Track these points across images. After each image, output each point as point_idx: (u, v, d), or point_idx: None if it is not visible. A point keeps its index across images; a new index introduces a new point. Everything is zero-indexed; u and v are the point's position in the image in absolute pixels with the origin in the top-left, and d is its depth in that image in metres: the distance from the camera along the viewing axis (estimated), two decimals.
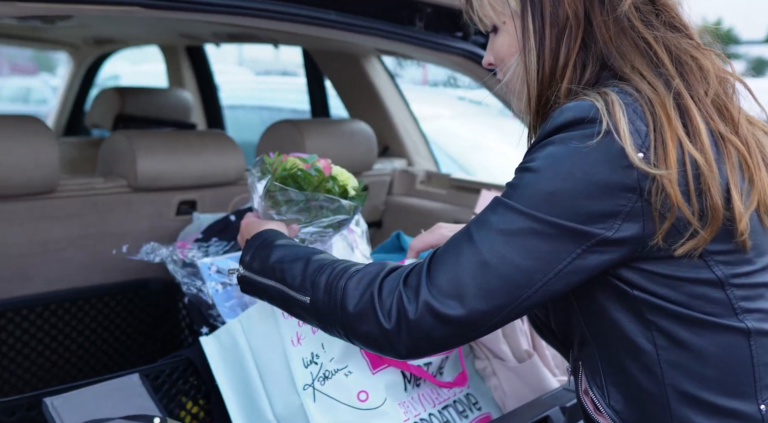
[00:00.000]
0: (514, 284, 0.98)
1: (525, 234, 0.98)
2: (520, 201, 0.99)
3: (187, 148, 1.98)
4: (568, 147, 0.98)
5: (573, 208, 0.97)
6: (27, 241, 1.78)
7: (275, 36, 2.76)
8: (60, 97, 4.18)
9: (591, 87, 1.07)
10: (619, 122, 0.97)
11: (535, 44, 1.11)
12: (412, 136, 2.75)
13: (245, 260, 1.25)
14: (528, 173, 1.00)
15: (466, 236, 1.01)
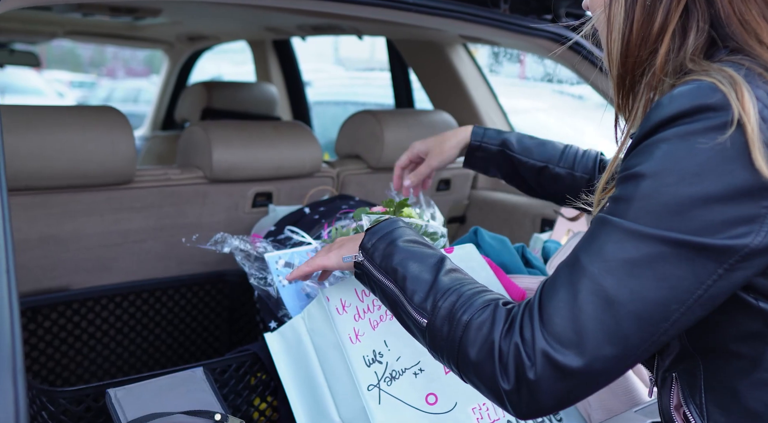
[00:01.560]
0: (647, 321, 0.83)
1: (655, 260, 0.82)
2: (640, 219, 0.82)
3: (262, 139, 1.95)
4: (690, 143, 0.81)
5: (708, 219, 0.80)
6: (107, 231, 1.80)
7: (358, 26, 2.70)
8: (157, 93, 4.31)
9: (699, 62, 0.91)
10: (749, 109, 0.81)
11: (625, 2, 0.95)
12: (498, 126, 2.62)
13: (367, 247, 1.13)
14: (641, 182, 0.83)
15: (577, 269, 0.85)
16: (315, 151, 2.05)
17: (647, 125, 0.86)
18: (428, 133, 2.25)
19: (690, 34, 0.94)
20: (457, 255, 1.47)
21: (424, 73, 2.79)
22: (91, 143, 1.67)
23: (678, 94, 0.85)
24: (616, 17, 0.97)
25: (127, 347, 1.91)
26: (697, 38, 0.93)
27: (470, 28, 1.97)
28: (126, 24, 3.19)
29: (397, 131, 2.16)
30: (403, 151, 2.16)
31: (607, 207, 0.88)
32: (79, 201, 1.73)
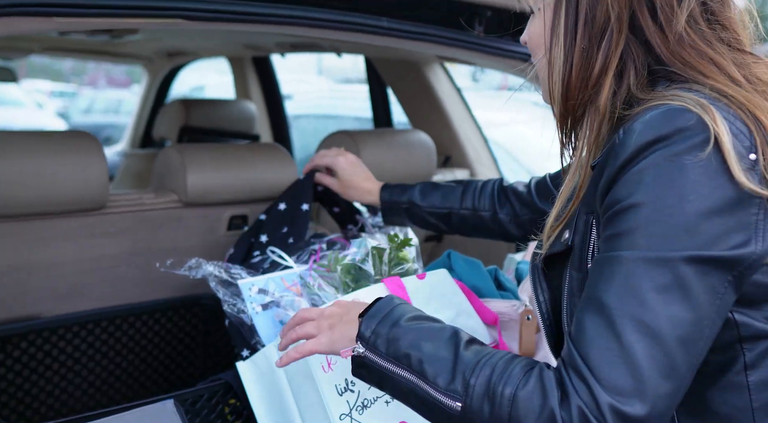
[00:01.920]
0: (691, 344, 0.85)
1: (680, 281, 0.84)
2: (654, 246, 0.85)
3: (238, 161, 1.94)
4: (679, 164, 0.85)
5: (713, 232, 0.84)
6: (80, 257, 1.78)
7: (336, 44, 2.71)
8: (136, 109, 4.29)
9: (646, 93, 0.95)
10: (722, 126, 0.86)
11: (564, 43, 0.99)
12: (474, 145, 2.64)
13: (366, 336, 1.04)
14: (641, 210, 0.86)
15: (609, 313, 0.85)
16: (291, 172, 2.04)
17: (624, 153, 0.89)
18: (404, 152, 2.26)
19: (629, 75, 0.97)
20: (429, 281, 1.47)
21: (401, 91, 2.80)
22: (63, 169, 1.65)
23: (651, 119, 0.89)
24: (556, 61, 1.00)
25: (100, 375, 1.89)
26: (637, 77, 0.97)
27: (446, 50, 1.98)
28: (103, 41, 3.18)
29: (374, 151, 2.16)
30: (380, 170, 2.17)
31: (609, 244, 0.89)
32: (51, 227, 1.71)
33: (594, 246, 0.98)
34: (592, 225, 0.99)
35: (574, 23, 0.98)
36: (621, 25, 0.96)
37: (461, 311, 1.47)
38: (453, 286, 1.49)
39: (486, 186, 1.65)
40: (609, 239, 0.89)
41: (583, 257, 1.00)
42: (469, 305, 1.49)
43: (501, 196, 1.62)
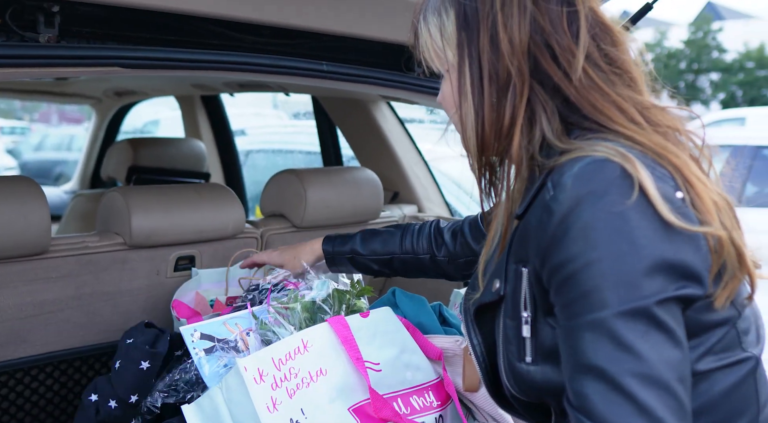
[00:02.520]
0: (686, 378, 0.89)
1: (660, 326, 0.88)
2: (624, 299, 0.87)
3: (183, 202, 1.95)
4: (619, 213, 0.89)
5: (672, 272, 0.89)
6: (21, 303, 1.76)
7: (284, 86, 2.75)
8: (85, 149, 4.25)
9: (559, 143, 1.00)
10: (643, 173, 0.91)
11: (473, 100, 1.04)
12: (422, 181, 2.69)
13: None
14: (598, 266, 0.89)
15: (611, 375, 0.87)
16: (238, 212, 2.05)
17: (560, 209, 0.92)
18: (351, 190, 2.29)
19: (540, 122, 1.02)
20: (373, 318, 1.50)
21: (348, 129, 2.85)
22: (3, 216, 1.64)
23: (580, 172, 0.93)
24: (468, 117, 1.06)
25: (45, 422, 1.85)
26: (550, 124, 1.02)
27: (388, 91, 2.04)
28: (49, 82, 3.16)
29: (321, 190, 2.19)
30: (327, 208, 2.20)
31: (577, 308, 0.91)
32: None
33: (526, 295, 1.02)
34: (522, 275, 1.02)
35: (479, 80, 1.04)
36: (523, 77, 1.01)
37: (405, 348, 1.50)
38: (396, 323, 1.51)
39: (423, 228, 1.69)
40: (574, 303, 0.91)
41: (516, 306, 1.04)
42: (413, 342, 1.52)
43: (438, 237, 1.66)
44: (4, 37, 1.35)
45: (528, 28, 1.02)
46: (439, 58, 1.12)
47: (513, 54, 1.01)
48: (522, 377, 1.07)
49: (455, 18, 1.07)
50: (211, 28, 1.61)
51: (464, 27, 1.06)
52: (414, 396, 1.47)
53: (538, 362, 1.04)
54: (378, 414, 1.38)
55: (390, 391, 1.44)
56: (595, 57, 1.03)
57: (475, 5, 1.05)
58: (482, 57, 1.03)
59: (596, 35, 1.04)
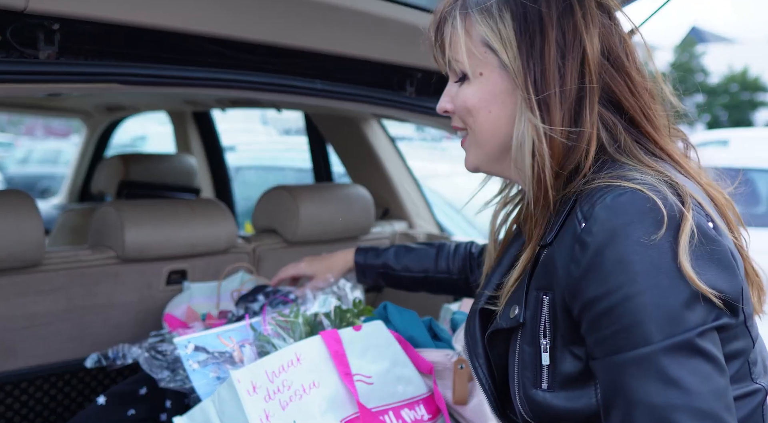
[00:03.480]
0: (731, 403, 0.89)
1: (706, 356, 0.88)
2: (668, 333, 0.87)
3: (175, 217, 1.97)
4: (656, 245, 0.89)
5: (708, 303, 0.90)
6: (11, 315, 1.77)
7: (275, 102, 2.78)
8: (74, 163, 4.25)
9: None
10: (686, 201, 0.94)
11: (539, 110, 1.00)
12: (412, 198, 2.72)
13: None
14: (639, 299, 0.88)
15: (661, 413, 0.87)
16: (230, 227, 2.07)
17: (595, 242, 0.91)
18: (342, 207, 2.32)
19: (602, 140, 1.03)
20: (365, 332, 1.52)
21: (340, 145, 2.88)
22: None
23: (613, 205, 0.92)
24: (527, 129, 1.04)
25: None
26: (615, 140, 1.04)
27: (379, 109, 2.07)
28: (42, 96, 3.18)
29: (312, 206, 2.22)
30: (319, 224, 2.23)
31: (617, 343, 0.90)
32: None
33: (546, 323, 1.02)
34: (543, 302, 1.02)
35: (543, 87, 1.01)
36: (594, 90, 1.01)
37: (397, 361, 1.52)
38: (388, 336, 1.54)
39: (458, 250, 1.68)
40: (614, 337, 0.91)
41: (535, 333, 1.04)
42: (405, 355, 1.54)
43: (472, 261, 1.65)
44: (5, 54, 1.38)
45: (599, 44, 1.01)
46: (473, 57, 1.06)
47: (588, 67, 1.00)
48: (538, 404, 1.06)
49: (513, 21, 1.03)
50: (207, 47, 1.64)
51: (526, 32, 1.02)
52: (405, 409, 1.48)
53: (554, 389, 1.03)
54: None
55: (382, 403, 1.46)
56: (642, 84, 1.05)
57: (540, 11, 1.01)
58: (548, 67, 1.00)
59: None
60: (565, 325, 1.00)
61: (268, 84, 1.72)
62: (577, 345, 1.00)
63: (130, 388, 1.60)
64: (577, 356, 1.00)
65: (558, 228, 1.00)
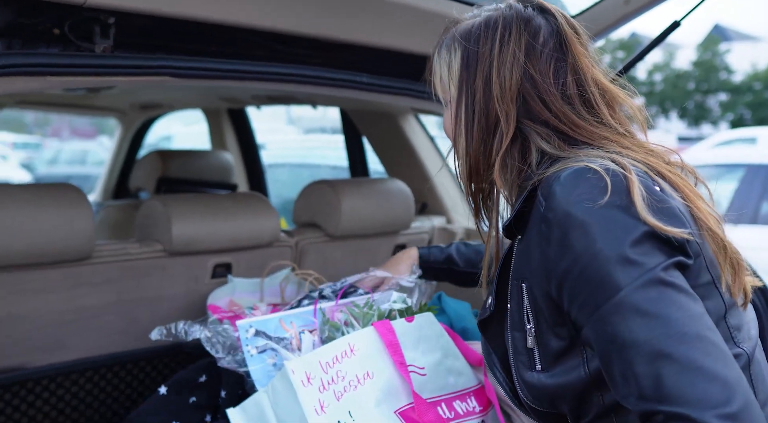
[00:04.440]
0: (713, 327, 0.96)
1: (673, 286, 0.97)
2: (633, 275, 0.96)
3: (221, 211, 1.98)
4: (606, 206, 1.00)
5: (665, 241, 0.99)
6: (62, 308, 1.79)
7: (312, 97, 2.79)
8: (109, 160, 4.30)
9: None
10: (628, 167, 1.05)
11: (466, 134, 1.19)
12: (450, 193, 2.72)
13: None
14: (599, 256, 0.98)
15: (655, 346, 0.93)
16: (273, 221, 2.08)
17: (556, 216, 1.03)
18: (383, 201, 2.32)
19: (536, 145, 1.16)
20: (417, 323, 1.52)
21: (377, 141, 2.88)
22: (48, 221, 1.67)
23: (565, 181, 1.05)
24: (460, 147, 1.23)
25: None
26: (549, 142, 1.15)
27: (422, 103, 2.07)
28: (78, 95, 3.22)
29: (354, 200, 2.22)
30: (360, 219, 2.23)
31: (596, 299, 0.98)
32: (36, 279, 1.72)
33: (527, 309, 1.12)
34: (522, 290, 1.13)
35: (471, 116, 1.18)
36: (509, 119, 1.16)
37: (448, 353, 1.51)
38: (439, 328, 1.53)
39: None
40: (592, 296, 0.99)
41: (522, 319, 1.14)
42: (455, 347, 1.54)
43: None
44: (62, 47, 1.40)
45: (518, 76, 1.16)
46: (443, 90, 1.27)
47: (502, 98, 1.16)
48: (533, 386, 1.14)
49: (460, 58, 1.21)
50: (255, 40, 1.65)
51: (466, 67, 1.20)
52: (457, 401, 1.48)
53: (547, 369, 1.12)
54: (421, 418, 1.39)
55: (434, 395, 1.46)
56: (579, 102, 1.17)
57: (476, 50, 1.19)
58: (476, 96, 1.18)
59: (579, 82, 1.18)
60: (547, 308, 1.09)
61: (315, 77, 1.72)
62: (559, 326, 1.09)
63: (190, 376, 1.62)
64: (561, 336, 1.09)
65: (517, 210, 1.14)
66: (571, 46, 1.19)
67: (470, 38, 1.20)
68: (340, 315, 1.52)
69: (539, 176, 1.11)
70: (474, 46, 1.19)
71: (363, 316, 1.51)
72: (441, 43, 1.27)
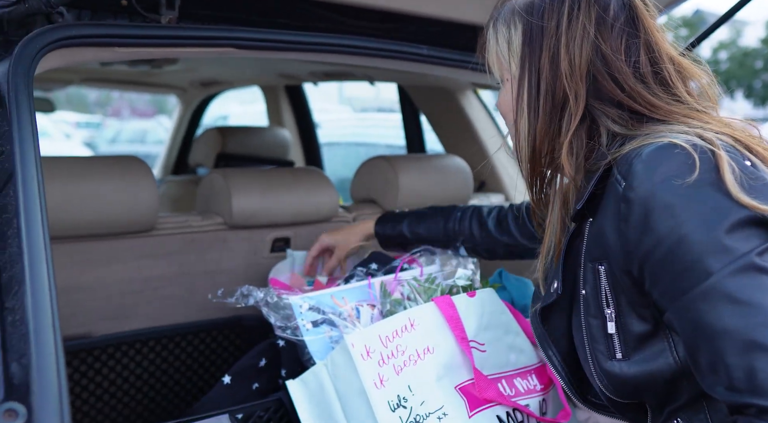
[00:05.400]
0: None
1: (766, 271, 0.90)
2: (726, 261, 0.89)
3: (281, 185, 1.99)
4: (694, 186, 0.93)
5: (761, 223, 0.92)
6: (128, 278, 1.83)
7: (370, 73, 2.77)
8: (169, 137, 4.38)
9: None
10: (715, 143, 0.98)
11: (529, 114, 1.11)
12: (508, 170, 2.67)
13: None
14: (687, 241, 0.92)
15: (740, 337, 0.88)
16: (332, 196, 2.08)
17: (638, 196, 0.96)
18: (441, 177, 2.29)
19: (604, 127, 1.09)
20: (480, 298, 1.50)
21: (435, 117, 2.85)
22: (115, 193, 1.70)
23: (648, 158, 0.98)
24: (522, 128, 1.14)
25: (147, 393, 1.92)
26: (617, 123, 1.08)
27: (481, 77, 2.02)
28: (141, 71, 3.27)
29: (411, 176, 2.20)
30: (417, 195, 2.21)
31: (682, 284, 0.92)
32: (102, 249, 1.76)
33: (606, 292, 1.05)
34: (600, 272, 1.06)
35: (536, 96, 1.11)
36: (578, 99, 1.08)
37: (509, 330, 1.49)
38: (501, 305, 1.51)
39: (464, 216, 1.75)
40: (677, 280, 0.93)
41: (599, 304, 1.07)
42: (516, 324, 1.51)
43: (481, 222, 1.72)
44: (129, 18, 1.41)
45: (589, 52, 1.08)
46: (500, 66, 1.19)
47: (572, 76, 1.08)
48: (615, 376, 1.07)
49: (522, 33, 1.13)
50: (318, 12, 1.64)
51: (529, 43, 1.12)
52: (518, 378, 1.46)
53: (629, 356, 1.05)
54: (482, 394, 1.37)
55: (494, 372, 1.44)
56: (653, 80, 1.10)
57: (541, 24, 1.11)
58: (542, 74, 1.10)
59: (653, 59, 1.10)
60: (628, 289, 1.03)
61: (376, 49, 1.70)
62: (642, 307, 1.03)
63: (251, 362, 1.64)
64: (644, 317, 1.03)
65: (587, 196, 1.07)
66: (642, 20, 1.11)
67: (533, 12, 1.13)
68: (401, 289, 1.51)
69: (614, 155, 1.04)
70: (538, 21, 1.12)
71: (425, 291, 1.49)
72: (496, 17, 1.20)
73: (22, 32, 1.19)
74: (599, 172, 1.06)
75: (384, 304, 1.53)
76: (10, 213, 0.92)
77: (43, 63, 1.18)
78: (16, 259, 0.87)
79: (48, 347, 0.81)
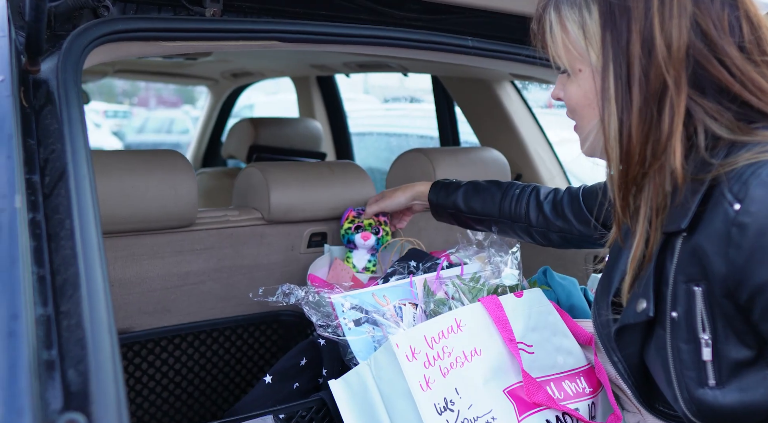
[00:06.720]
0: None
1: None
2: None
3: (318, 179, 1.97)
4: None
5: None
6: (168, 273, 1.82)
7: (406, 64, 2.73)
8: (199, 128, 4.38)
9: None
10: None
11: (617, 108, 0.96)
12: (546, 163, 2.62)
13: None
14: None
15: None
16: (369, 190, 2.06)
17: (756, 223, 0.86)
18: (478, 170, 2.25)
19: (704, 126, 0.95)
20: (527, 299, 1.46)
21: (470, 109, 2.80)
22: (154, 188, 1.69)
23: None
24: (611, 125, 0.99)
25: (186, 389, 1.92)
26: (719, 122, 0.95)
27: (525, 68, 1.98)
28: (175, 62, 3.26)
29: (448, 169, 2.16)
30: None
31: None
32: (142, 244, 1.75)
33: (703, 316, 0.95)
34: (695, 295, 0.96)
35: (626, 87, 0.96)
36: (680, 86, 0.94)
37: (557, 331, 1.45)
38: (548, 305, 1.47)
39: (522, 195, 1.69)
40: None
41: (694, 328, 0.97)
42: (564, 325, 1.48)
43: (538, 207, 1.66)
44: (173, 12, 1.38)
45: (687, 31, 0.94)
46: (569, 55, 1.05)
47: (670, 60, 0.93)
48: (709, 405, 0.99)
49: (599, 15, 0.99)
50: (361, 3, 1.60)
51: (611, 26, 0.98)
52: (566, 381, 1.42)
53: (724, 384, 0.97)
54: (531, 398, 1.34)
55: (542, 374, 1.40)
56: (762, 61, 0.96)
57: (625, 3, 0.97)
58: (631, 62, 0.95)
59: (759, 38, 0.97)
60: (730, 313, 0.94)
61: (419, 41, 1.66)
62: (744, 333, 0.94)
63: (292, 361, 1.62)
64: (746, 344, 0.95)
65: (692, 214, 0.94)
66: None
67: None
68: (445, 288, 1.48)
69: (726, 168, 0.91)
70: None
71: (470, 290, 1.46)
72: (556, 0, 1.06)
73: (68, 27, 1.17)
74: (704, 187, 0.93)
75: (427, 303, 1.50)
76: (63, 214, 0.90)
77: (91, 57, 1.16)
78: (70, 261, 0.85)
79: (105, 352, 0.80)
